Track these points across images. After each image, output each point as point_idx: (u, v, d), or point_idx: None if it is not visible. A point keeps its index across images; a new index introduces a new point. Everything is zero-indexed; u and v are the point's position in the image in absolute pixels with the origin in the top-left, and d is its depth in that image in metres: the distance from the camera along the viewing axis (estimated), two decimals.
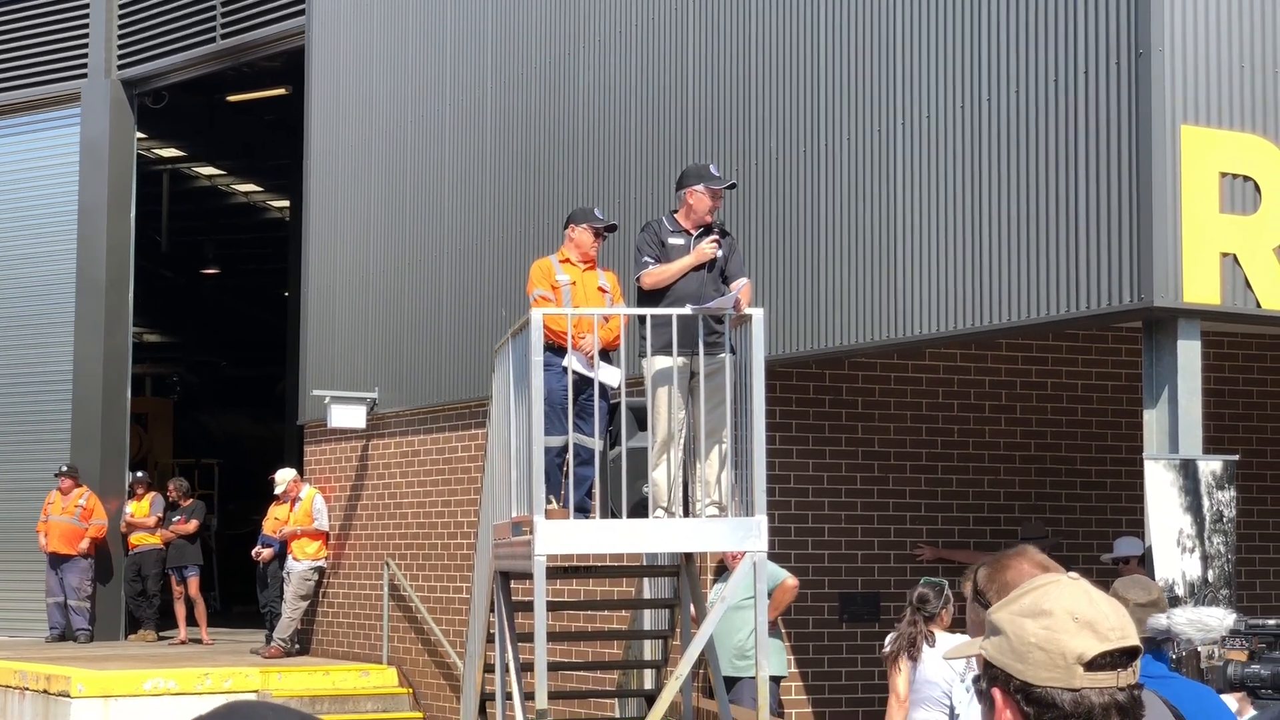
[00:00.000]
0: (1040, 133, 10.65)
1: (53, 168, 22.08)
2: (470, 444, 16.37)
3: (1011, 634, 2.53)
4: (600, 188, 14.54)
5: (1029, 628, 2.52)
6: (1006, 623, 2.55)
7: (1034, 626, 2.51)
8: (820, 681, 13.32)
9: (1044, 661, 2.49)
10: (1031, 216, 10.67)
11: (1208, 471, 9.95)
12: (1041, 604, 2.53)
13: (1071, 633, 2.49)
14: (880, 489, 13.59)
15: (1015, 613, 2.55)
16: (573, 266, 10.93)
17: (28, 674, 16.74)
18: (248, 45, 20.39)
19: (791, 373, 13.21)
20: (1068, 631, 2.49)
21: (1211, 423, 10.99)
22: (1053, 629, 2.50)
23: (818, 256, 12.33)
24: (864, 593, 13.49)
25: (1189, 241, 9.97)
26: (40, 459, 21.46)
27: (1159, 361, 10.11)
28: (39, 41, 22.14)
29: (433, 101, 17.29)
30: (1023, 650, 2.51)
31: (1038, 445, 14.05)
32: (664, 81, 13.95)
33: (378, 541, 18.10)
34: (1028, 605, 2.54)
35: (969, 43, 11.22)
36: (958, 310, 11.18)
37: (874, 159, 11.90)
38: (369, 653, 18.06)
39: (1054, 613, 2.51)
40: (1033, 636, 2.51)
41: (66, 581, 20.45)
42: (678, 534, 9.93)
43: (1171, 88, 9.99)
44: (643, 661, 13.04)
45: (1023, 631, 2.52)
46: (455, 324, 16.78)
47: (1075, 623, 2.49)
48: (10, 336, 22.09)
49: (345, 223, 18.80)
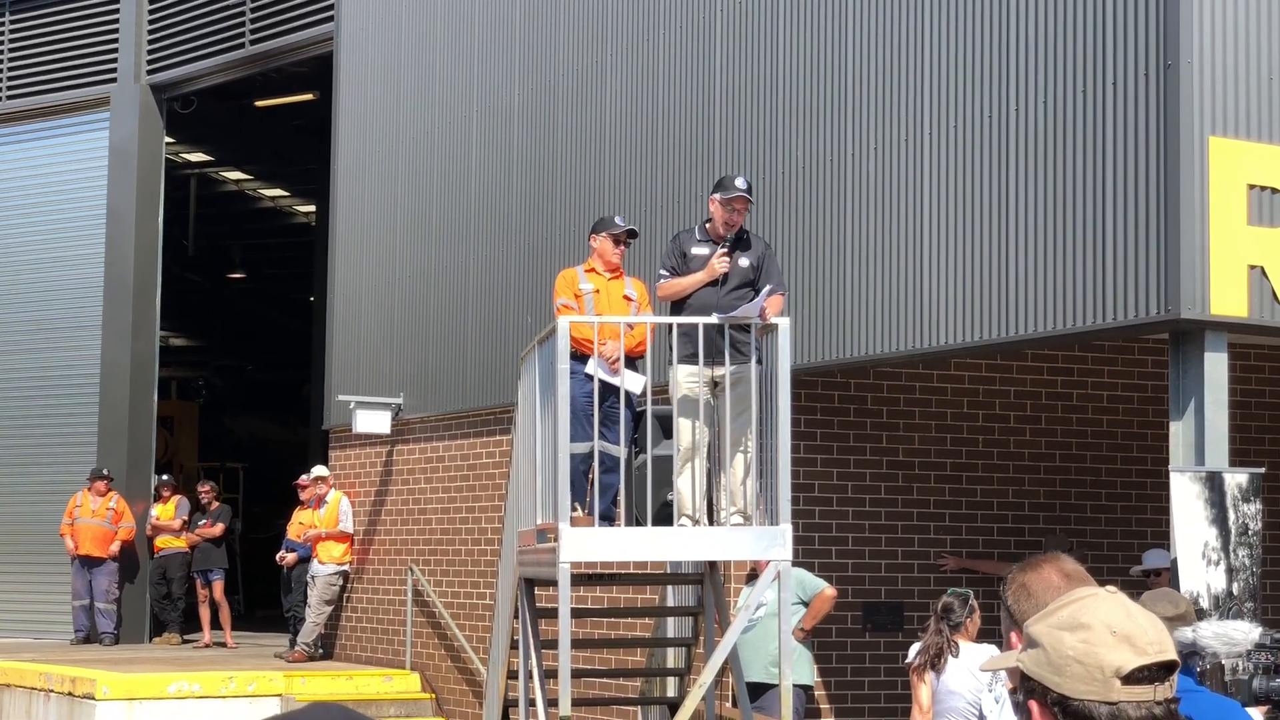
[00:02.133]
0: (1068, 144, 10.64)
1: (81, 172, 22.18)
2: (495, 450, 16.39)
3: (1049, 646, 2.53)
4: (626, 196, 14.55)
5: (1067, 641, 2.52)
6: (1044, 635, 2.55)
7: (1072, 640, 2.52)
8: (843, 691, 13.30)
9: (1081, 675, 2.49)
10: (1058, 227, 10.66)
11: (1234, 484, 9.92)
12: (1080, 617, 2.54)
13: (1110, 646, 2.49)
14: (905, 498, 13.58)
15: (1053, 625, 2.55)
16: (598, 275, 11.01)
17: (53, 676, 16.80)
18: (276, 51, 20.47)
19: (817, 381, 13.21)
20: (1106, 645, 2.50)
21: (1238, 435, 10.96)
22: (1091, 642, 2.50)
23: (843, 266, 12.33)
24: (888, 602, 13.47)
25: (1216, 253, 9.94)
26: (67, 462, 21.55)
27: (1185, 373, 10.09)
28: (69, 46, 22.25)
29: (459, 108, 17.32)
30: (1060, 663, 2.51)
31: (1063, 456, 14.02)
32: (690, 90, 13.96)
33: (402, 547, 18.13)
34: (1066, 618, 2.55)
35: (996, 53, 11.21)
36: (983, 321, 11.17)
37: (900, 169, 11.89)
38: (392, 658, 18.09)
39: (1092, 626, 2.52)
40: (1070, 650, 2.51)
41: (95, 584, 20.52)
42: (702, 542, 9.94)
43: (1200, 99, 9.98)
44: (666, 669, 13.03)
45: (1060, 644, 2.52)
46: (481, 330, 16.81)
47: (1113, 636, 2.50)
48: (38, 340, 22.18)
49: (371, 228, 18.85)
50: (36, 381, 22.17)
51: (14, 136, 22.77)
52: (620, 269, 11.19)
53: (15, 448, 22.29)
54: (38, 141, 22.64)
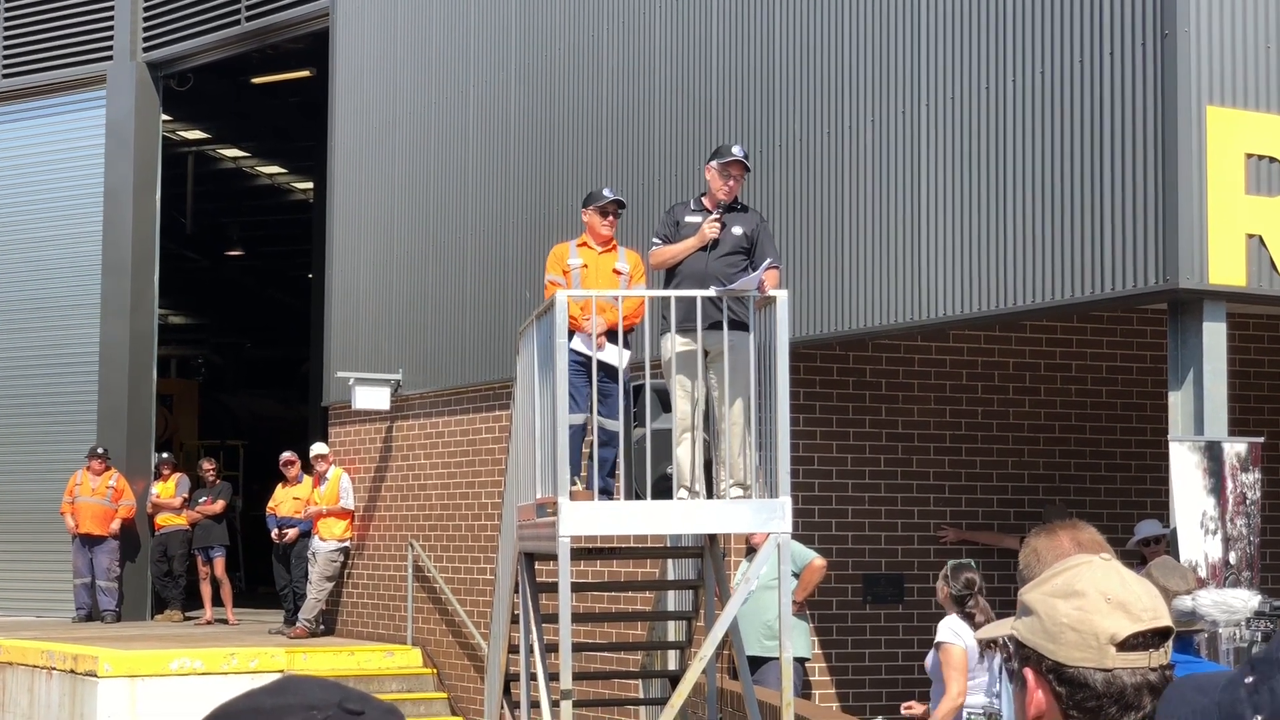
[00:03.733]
0: (1065, 114, 10.62)
1: (78, 150, 22.14)
2: (494, 426, 16.40)
3: (1044, 614, 2.54)
4: (624, 169, 14.54)
5: (1061, 608, 2.52)
6: (1038, 603, 2.56)
7: (1066, 607, 2.52)
8: (844, 663, 13.33)
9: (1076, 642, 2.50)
10: (1056, 198, 10.65)
11: (1232, 453, 9.93)
12: (1074, 584, 2.54)
13: (1104, 613, 2.50)
14: (904, 471, 13.59)
15: (1047, 593, 2.56)
16: (589, 250, 11.04)
17: (55, 654, 16.83)
18: (273, 27, 20.43)
19: (815, 354, 13.21)
20: (1100, 612, 2.50)
21: (1236, 405, 10.97)
22: (1085, 609, 2.51)
23: (841, 238, 12.32)
24: (888, 574, 13.49)
25: (1214, 223, 9.94)
26: (66, 441, 21.56)
27: (1184, 343, 10.09)
28: (65, 24, 22.20)
29: (457, 83, 17.30)
30: (1055, 630, 2.52)
31: (1062, 427, 14.03)
32: (688, 62, 13.94)
33: (402, 523, 18.16)
34: (1060, 586, 2.55)
35: (994, 23, 11.19)
36: (982, 292, 11.17)
37: (898, 140, 11.88)
38: (393, 633, 18.12)
39: (1086, 593, 2.52)
40: (1065, 617, 2.51)
41: (97, 562, 20.55)
42: (701, 515, 9.95)
43: (1197, 69, 9.96)
44: (667, 643, 13.06)
45: (1055, 612, 2.53)
46: (479, 306, 16.81)
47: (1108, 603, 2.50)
48: (36, 318, 22.17)
49: (369, 204, 18.83)
50: (35, 360, 22.16)
51: (10, 115, 22.74)
52: (613, 241, 11.20)
53: (15, 427, 22.30)
54: (34, 120, 22.60)
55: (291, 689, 1.77)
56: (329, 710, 1.73)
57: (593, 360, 10.22)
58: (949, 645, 9.41)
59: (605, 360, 10.38)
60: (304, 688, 1.76)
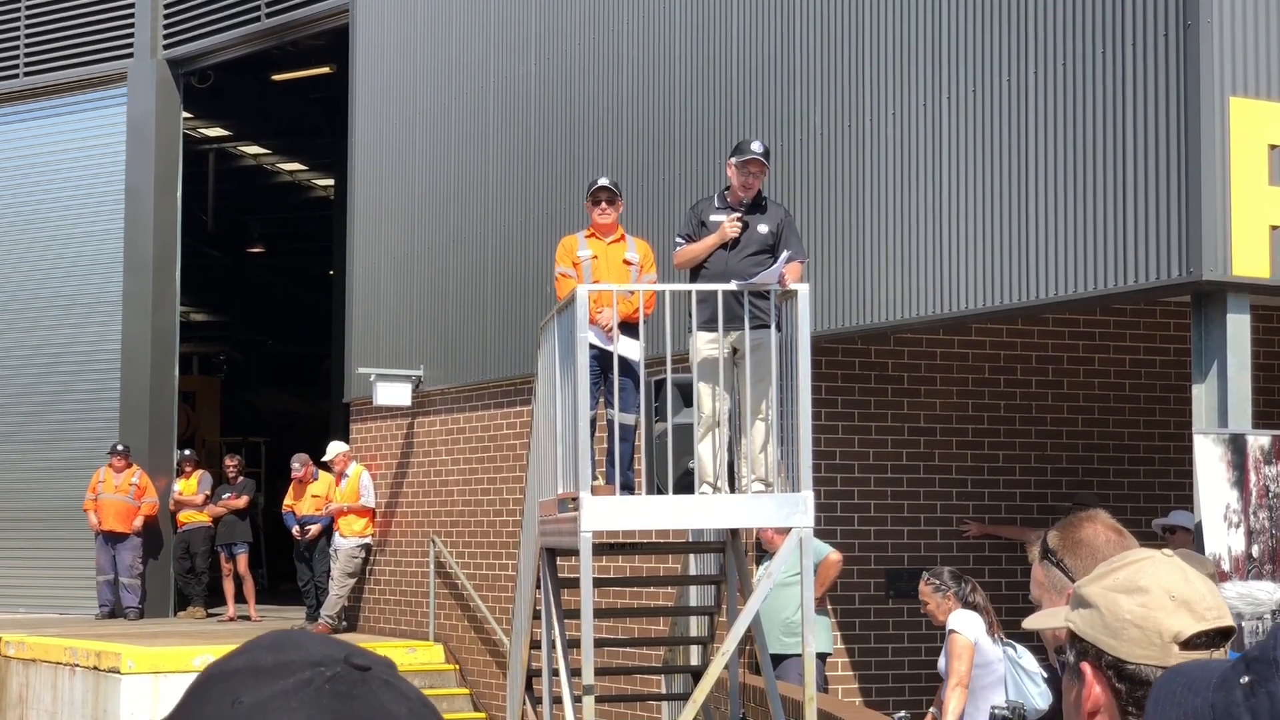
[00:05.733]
0: (1088, 105, 10.58)
1: (99, 148, 22.18)
2: (516, 421, 16.39)
3: (1105, 609, 2.49)
4: (644, 164, 14.52)
5: (1124, 604, 2.48)
6: (1099, 597, 2.51)
7: (1129, 603, 2.48)
8: (866, 658, 13.30)
9: (1139, 639, 2.46)
10: (1079, 190, 10.61)
11: (1256, 446, 9.88)
12: (1137, 580, 2.50)
13: (1169, 611, 2.46)
14: (926, 464, 13.55)
15: (1108, 587, 2.51)
16: (597, 241, 11.04)
17: (78, 651, 16.86)
18: (292, 24, 20.43)
19: (837, 348, 13.18)
20: (1164, 610, 2.46)
21: (1261, 397, 10.92)
22: (1149, 606, 2.47)
23: (863, 232, 12.29)
24: (910, 569, 13.43)
25: (1238, 214, 9.89)
26: (89, 438, 21.60)
27: (1208, 335, 10.04)
28: (85, 22, 22.23)
29: (476, 78, 17.29)
30: (1116, 626, 2.48)
31: (1085, 420, 13.98)
32: (708, 56, 13.91)
33: (424, 519, 18.16)
34: (1122, 580, 2.51)
35: (1014, 16, 11.15)
36: (1004, 285, 11.13)
37: (919, 133, 11.84)
38: (416, 630, 18.13)
39: (1150, 590, 2.48)
40: (1128, 613, 2.47)
41: (120, 559, 20.59)
42: (723, 510, 9.93)
43: (1220, 60, 9.91)
44: (689, 638, 13.04)
45: (1117, 607, 2.49)
46: (500, 301, 16.80)
47: (1172, 601, 2.47)
48: (58, 316, 22.21)
49: (390, 200, 18.83)
50: (58, 358, 22.21)
51: (32, 113, 22.78)
52: (621, 230, 11.19)
53: (38, 424, 22.35)
54: (55, 118, 22.64)
55: (291, 644, 1.68)
56: (336, 666, 1.64)
57: (611, 355, 10.21)
58: (956, 634, 9.42)
59: (622, 354, 10.36)
60: (304, 643, 1.67)
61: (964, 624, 9.45)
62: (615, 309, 10.29)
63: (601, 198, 11.10)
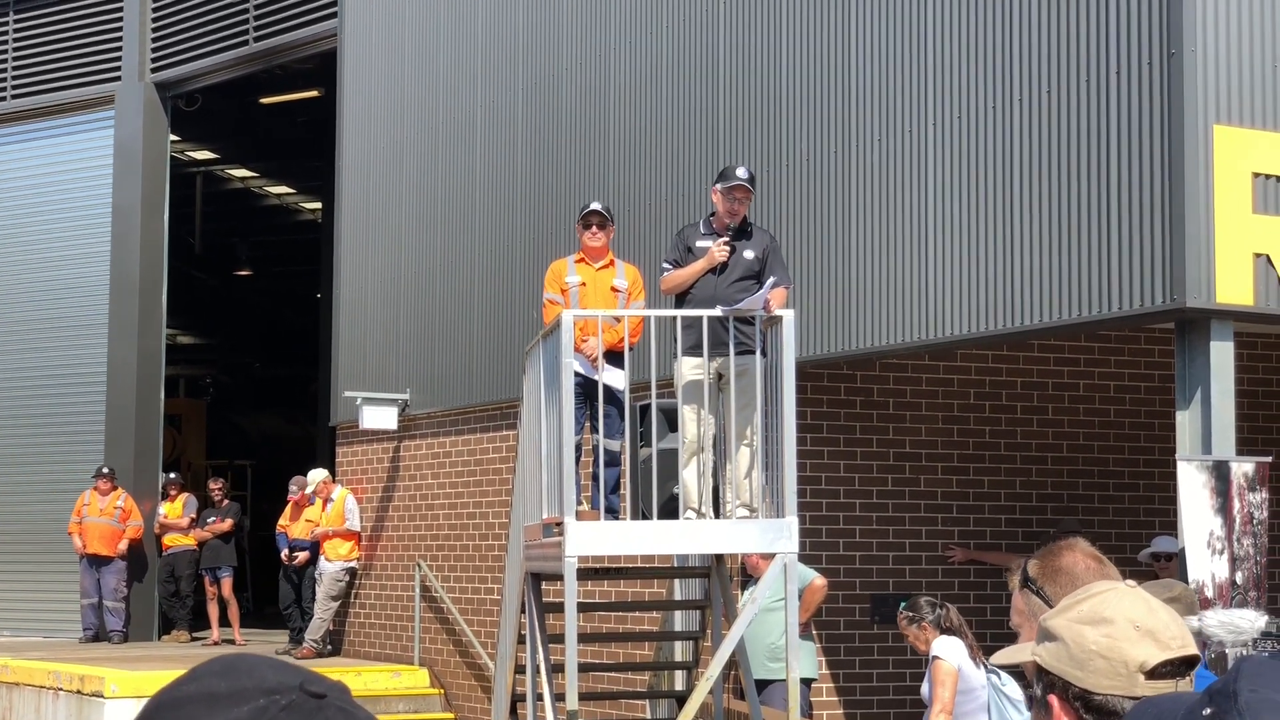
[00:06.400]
0: (1072, 133, 10.61)
1: (87, 170, 22.18)
2: (501, 445, 16.39)
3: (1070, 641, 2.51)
4: (631, 189, 14.54)
5: (1089, 635, 2.49)
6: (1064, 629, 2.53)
7: (1094, 634, 2.49)
8: (851, 684, 13.29)
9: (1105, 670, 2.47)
10: (1063, 217, 10.64)
11: (1240, 473, 9.90)
12: (1102, 611, 2.51)
13: (1133, 641, 2.47)
14: (912, 490, 13.56)
15: (1074, 619, 2.53)
16: (586, 266, 11.02)
17: (61, 674, 16.81)
18: (280, 48, 20.46)
19: (823, 374, 13.19)
20: (1129, 640, 2.47)
21: (1245, 424, 10.94)
22: (1114, 637, 2.48)
23: (849, 257, 12.31)
24: (896, 594, 13.42)
25: (1221, 242, 9.92)
26: (74, 460, 21.56)
27: (1192, 362, 10.07)
28: (73, 45, 22.24)
29: (464, 103, 17.31)
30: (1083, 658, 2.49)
31: (1070, 447, 14.00)
32: (695, 83, 13.94)
33: (409, 542, 18.14)
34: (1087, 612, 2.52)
35: (1001, 43, 11.19)
36: (989, 311, 11.15)
37: (906, 159, 11.87)
38: (401, 654, 18.10)
39: (1115, 620, 2.49)
40: (1093, 644, 2.48)
41: (104, 582, 20.54)
42: (708, 535, 9.93)
43: (1204, 88, 9.95)
44: (674, 663, 13.03)
45: (1082, 639, 2.50)
46: (486, 325, 16.80)
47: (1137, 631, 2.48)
48: (45, 338, 22.19)
49: (377, 224, 18.84)
50: (43, 380, 22.17)
51: (19, 135, 22.77)
52: (610, 256, 11.18)
53: (23, 446, 22.31)
54: (43, 140, 22.64)
55: (243, 669, 1.63)
56: (292, 694, 1.61)
57: (595, 383, 10.21)
58: (939, 660, 9.43)
59: (606, 383, 10.37)
60: (256, 668, 1.63)
61: (948, 650, 9.46)
62: (600, 337, 10.29)
63: (593, 221, 11.10)
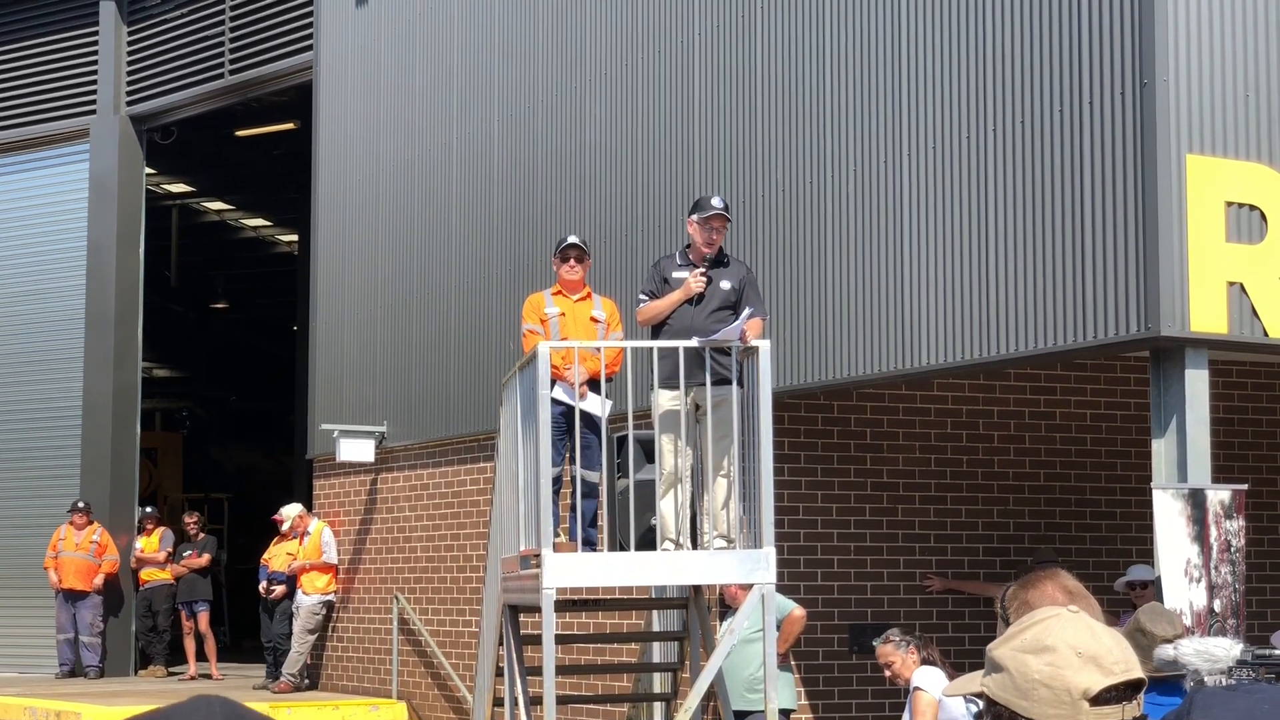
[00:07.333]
0: (1046, 163, 10.65)
1: (62, 203, 22.14)
2: (479, 477, 16.36)
3: (1014, 670, 2.50)
4: (607, 220, 14.56)
5: (1032, 664, 2.49)
6: (1008, 659, 2.52)
7: (1037, 663, 2.48)
8: (830, 714, 13.27)
9: (1049, 699, 2.46)
10: (1038, 247, 10.67)
11: (1216, 501, 9.92)
12: (1044, 639, 2.50)
13: (1076, 668, 2.47)
14: (889, 520, 13.56)
15: (1016, 649, 2.52)
16: (564, 298, 11.04)
17: (38, 710, 16.72)
18: (256, 81, 20.47)
19: (799, 404, 13.20)
20: (1071, 667, 2.47)
21: (1220, 451, 10.97)
22: (1056, 665, 2.47)
23: (824, 288, 12.33)
24: (874, 624, 13.43)
25: (1195, 271, 9.96)
26: (50, 494, 21.47)
27: (1167, 391, 10.10)
28: (48, 78, 22.22)
29: (440, 136, 17.32)
30: (1026, 687, 2.48)
31: (1047, 475, 14.02)
32: (671, 115, 13.97)
33: (387, 575, 18.08)
34: (1029, 641, 2.52)
35: (974, 73, 11.23)
36: (965, 341, 11.18)
37: (880, 190, 11.91)
38: (378, 687, 18.03)
39: (1057, 648, 2.48)
40: (1036, 673, 2.48)
41: (80, 617, 20.44)
42: (685, 566, 9.91)
43: (1177, 117, 10.00)
44: (652, 695, 13.00)
45: (1026, 668, 2.49)
46: (463, 357, 16.79)
47: (1079, 658, 2.47)
48: (20, 371, 22.12)
49: (353, 256, 18.83)
50: (18, 414, 22.10)
51: None
52: (587, 288, 11.19)
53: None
54: (17, 174, 22.59)
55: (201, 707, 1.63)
56: None
57: (575, 411, 10.21)
58: (920, 691, 9.44)
59: (588, 410, 10.37)
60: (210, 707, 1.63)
61: (928, 681, 9.46)
62: (578, 366, 10.29)
63: (570, 255, 11.11)
